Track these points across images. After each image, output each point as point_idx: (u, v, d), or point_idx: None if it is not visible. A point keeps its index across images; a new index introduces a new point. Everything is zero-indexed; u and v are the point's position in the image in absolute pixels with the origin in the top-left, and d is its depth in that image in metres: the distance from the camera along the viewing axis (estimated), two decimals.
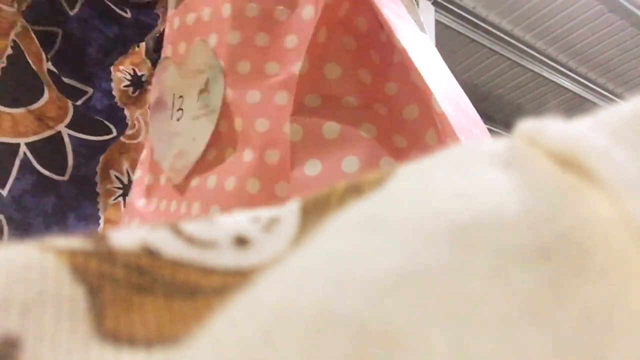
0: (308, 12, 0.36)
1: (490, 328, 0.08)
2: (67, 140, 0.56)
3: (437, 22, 1.86)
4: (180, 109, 0.40)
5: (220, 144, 0.37)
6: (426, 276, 0.08)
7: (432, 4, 1.81)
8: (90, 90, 0.59)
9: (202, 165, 0.38)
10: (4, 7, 0.52)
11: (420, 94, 0.32)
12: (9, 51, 0.52)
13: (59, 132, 0.55)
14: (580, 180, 0.09)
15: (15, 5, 0.53)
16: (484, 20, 2.08)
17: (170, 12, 0.43)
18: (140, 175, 0.44)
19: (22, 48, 0.53)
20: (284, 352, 0.08)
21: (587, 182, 0.09)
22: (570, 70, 2.39)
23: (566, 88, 2.45)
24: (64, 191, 0.56)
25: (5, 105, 0.51)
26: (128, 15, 0.60)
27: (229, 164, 0.36)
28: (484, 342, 0.07)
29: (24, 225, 0.53)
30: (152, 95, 0.43)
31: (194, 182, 0.37)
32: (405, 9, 0.38)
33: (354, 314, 0.08)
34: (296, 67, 0.35)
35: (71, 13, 0.56)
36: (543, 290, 0.08)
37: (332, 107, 0.35)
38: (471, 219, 0.09)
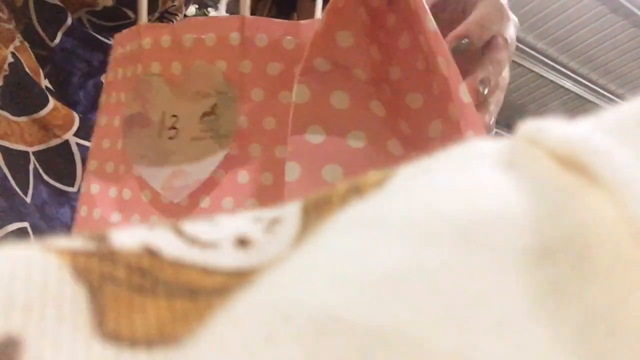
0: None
1: (492, 328, 0.08)
2: (75, 149, 0.54)
3: None
4: (173, 127, 0.40)
5: (232, 167, 0.37)
6: (428, 276, 0.08)
7: None
8: (77, 117, 0.58)
9: (210, 185, 0.38)
10: (2, 23, 0.52)
11: (435, 81, 0.31)
12: (10, 59, 0.51)
13: (67, 141, 0.54)
14: (582, 181, 0.09)
15: (13, 23, 0.53)
16: None
17: (153, 29, 0.41)
18: (99, 189, 0.42)
19: (22, 61, 0.52)
20: (285, 352, 0.08)
21: (589, 182, 0.09)
22: (572, 72, 2.39)
23: (568, 89, 2.45)
24: (75, 203, 0.55)
25: (11, 114, 0.50)
26: (111, 42, 0.59)
27: (243, 186, 0.36)
28: (486, 342, 0.07)
29: (49, 234, 0.52)
30: (124, 110, 0.42)
31: (204, 202, 0.38)
32: None
33: (356, 314, 0.08)
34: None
35: (52, 44, 0.55)
36: (545, 290, 0.08)
37: (342, 76, 0.33)
38: (473, 219, 0.09)
